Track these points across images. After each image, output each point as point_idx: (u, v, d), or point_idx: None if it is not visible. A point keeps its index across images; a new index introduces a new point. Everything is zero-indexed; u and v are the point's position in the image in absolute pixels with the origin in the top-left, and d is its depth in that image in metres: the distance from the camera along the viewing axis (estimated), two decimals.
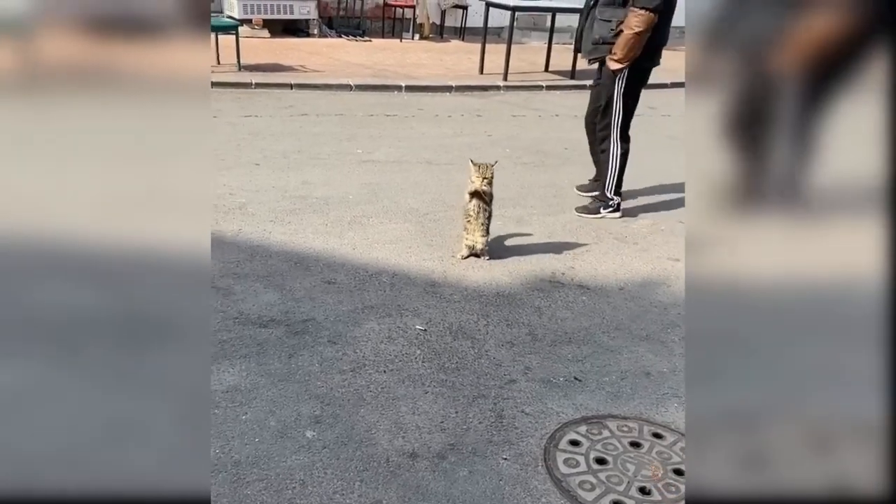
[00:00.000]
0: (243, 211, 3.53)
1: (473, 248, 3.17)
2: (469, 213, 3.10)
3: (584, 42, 3.66)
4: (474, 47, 8.11)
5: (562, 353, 2.50)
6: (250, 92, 6.22)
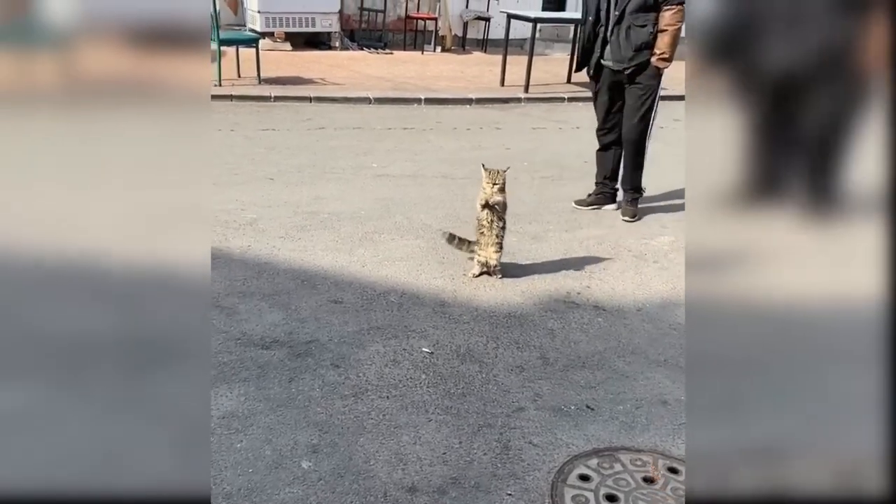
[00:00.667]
0: (254, 227, 3.49)
1: (486, 264, 3.08)
2: (482, 224, 3.02)
3: (616, 52, 3.66)
4: (496, 59, 8.05)
5: (574, 378, 2.39)
6: (269, 105, 6.22)
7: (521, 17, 7.47)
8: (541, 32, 7.97)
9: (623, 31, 3.61)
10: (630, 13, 3.56)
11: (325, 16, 8.66)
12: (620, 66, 3.70)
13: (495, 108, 6.81)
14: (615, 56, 3.69)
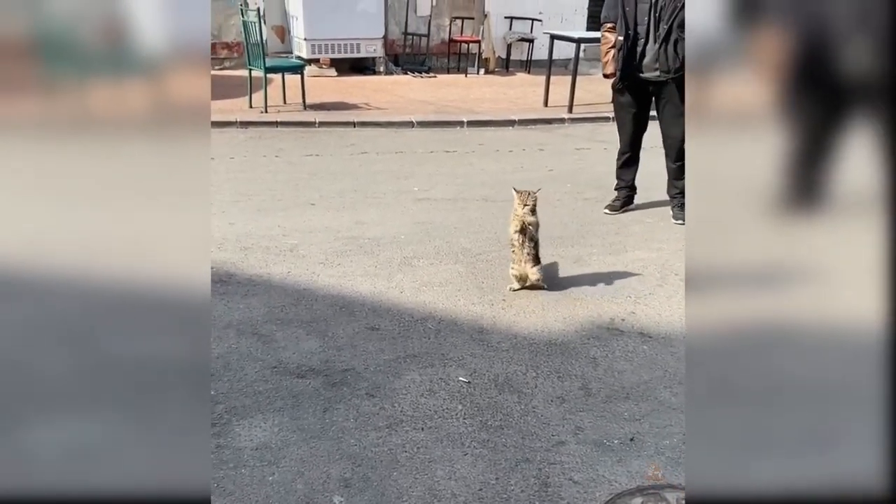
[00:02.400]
0: (294, 253, 3.51)
1: (523, 278, 3.11)
2: (514, 244, 3.11)
3: (662, 63, 3.82)
4: (540, 80, 8.00)
5: (617, 410, 2.28)
6: (313, 131, 6.31)
7: (565, 37, 7.42)
8: (585, 52, 7.89)
9: (671, 44, 3.79)
10: (677, 27, 3.74)
11: (369, 41, 8.79)
12: (667, 76, 3.86)
13: (538, 130, 6.76)
14: (662, 67, 3.84)
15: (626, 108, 4.15)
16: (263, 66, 6.47)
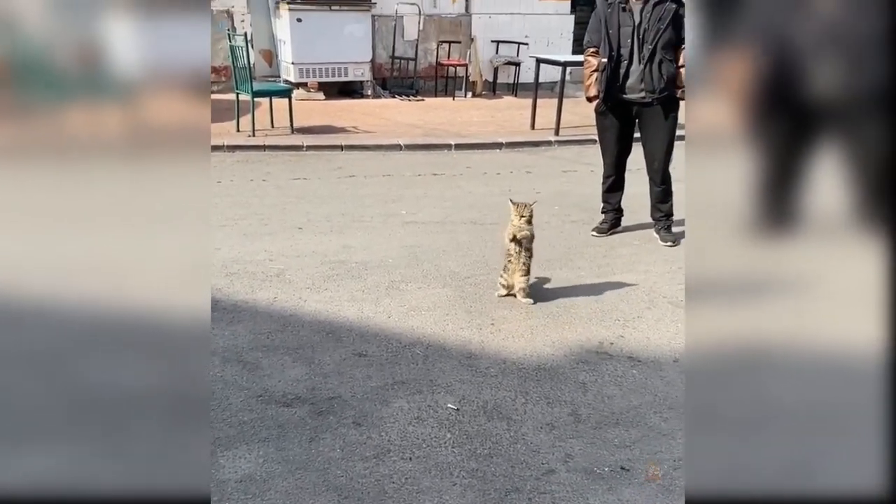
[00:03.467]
0: (281, 278, 3.48)
1: (510, 286, 3.26)
2: (510, 254, 3.21)
3: (648, 83, 3.87)
4: (527, 103, 8.07)
5: (608, 437, 2.26)
6: (301, 154, 6.31)
7: (551, 61, 7.50)
8: (570, 75, 7.97)
9: (655, 65, 3.84)
10: (661, 49, 3.82)
11: (357, 65, 8.84)
12: (652, 97, 3.90)
13: (526, 152, 6.79)
14: (647, 87, 3.89)
15: (609, 130, 4.17)
16: (251, 90, 6.48)
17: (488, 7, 9.81)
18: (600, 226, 4.34)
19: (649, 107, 3.95)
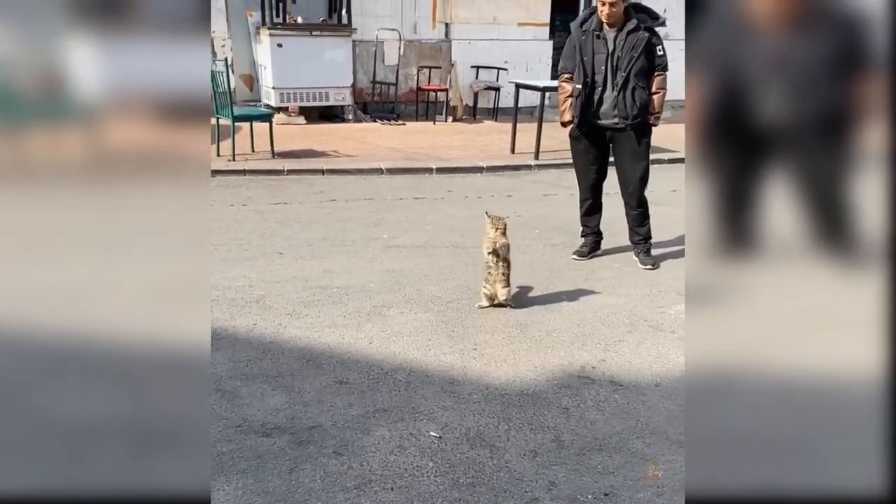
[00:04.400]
0: (260, 304, 3.44)
1: (492, 297, 3.39)
2: (489, 265, 3.38)
3: (621, 110, 3.94)
4: (507, 127, 8.14)
5: (591, 463, 2.25)
6: (282, 179, 6.29)
7: (530, 86, 7.59)
8: (550, 100, 8.07)
9: (629, 92, 3.91)
10: (634, 76, 3.88)
11: (338, 90, 8.88)
12: (625, 123, 3.98)
13: (506, 176, 6.84)
14: (620, 113, 3.95)
15: (583, 154, 4.22)
16: (231, 114, 6.47)
17: (468, 33, 9.94)
18: (581, 249, 4.37)
19: (622, 132, 4.02)
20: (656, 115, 4.01)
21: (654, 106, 3.97)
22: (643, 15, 3.93)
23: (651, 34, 3.88)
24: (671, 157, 7.53)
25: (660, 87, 3.97)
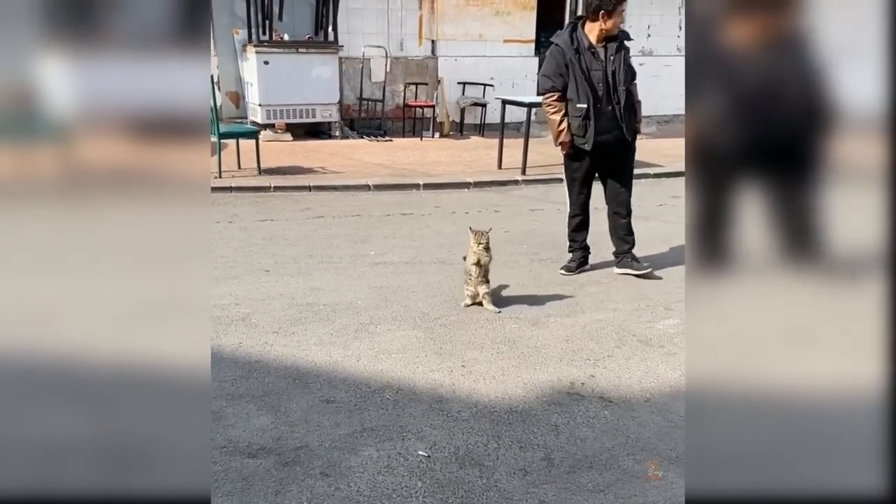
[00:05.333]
0: (246, 322, 3.40)
1: (475, 296, 3.64)
2: (470, 274, 3.63)
3: (628, 125, 4.01)
4: (494, 143, 8.17)
5: (581, 481, 2.23)
6: (269, 195, 6.26)
7: (516, 102, 7.64)
8: (536, 115, 8.13)
9: (630, 108, 4.01)
10: (629, 90, 4.00)
11: (325, 107, 8.89)
12: (629, 136, 4.07)
13: (493, 191, 6.85)
14: (627, 128, 4.03)
15: (580, 170, 4.18)
16: (217, 131, 6.44)
17: (454, 50, 10.00)
18: (568, 264, 4.37)
19: (621, 145, 4.08)
20: (640, 121, 4.22)
21: (640, 116, 4.16)
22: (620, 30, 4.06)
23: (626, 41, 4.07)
24: (657, 172, 7.59)
25: (637, 97, 4.12)
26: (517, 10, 10.17)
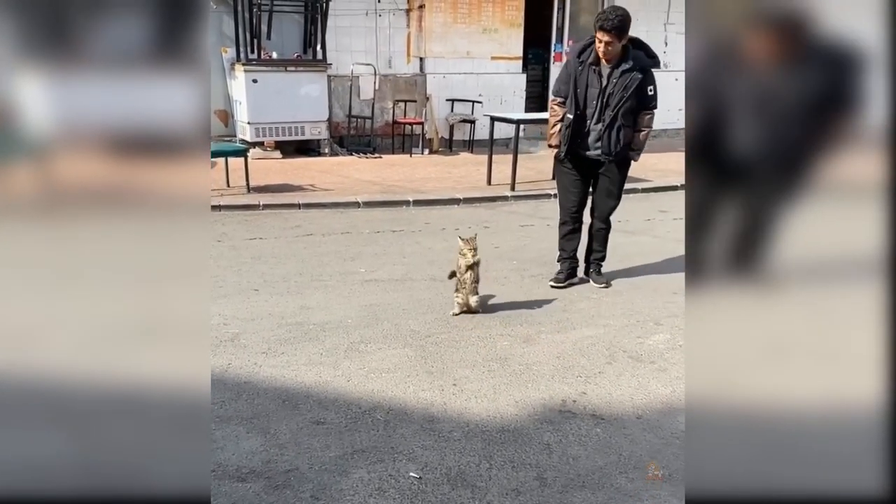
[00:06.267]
0: (235, 343, 3.37)
1: (465, 304, 3.78)
2: (465, 281, 3.76)
3: (605, 146, 4.04)
4: (483, 159, 8.20)
5: (574, 501, 2.21)
6: (258, 213, 6.24)
7: (505, 119, 7.68)
8: (524, 132, 8.18)
9: (615, 130, 4.01)
10: (622, 115, 3.98)
11: (313, 124, 8.90)
12: (608, 158, 4.09)
13: (483, 207, 6.86)
14: (604, 149, 4.06)
15: (567, 176, 4.30)
16: None
17: (442, 67, 10.06)
18: (557, 276, 4.41)
19: (605, 164, 4.15)
20: (639, 150, 4.14)
21: (638, 143, 4.10)
22: (640, 52, 3.94)
23: (644, 75, 3.90)
24: (645, 187, 7.64)
25: (647, 125, 4.08)
26: (504, 28, 10.26)
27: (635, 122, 4.03)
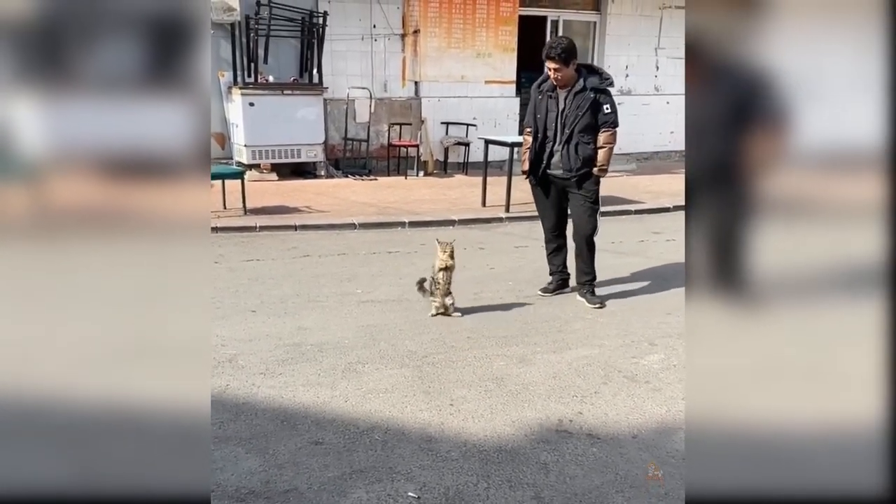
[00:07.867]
0: (233, 364, 3.39)
1: (441, 306, 4.10)
2: (439, 282, 4.10)
3: (565, 163, 4.31)
4: (477, 181, 8.27)
5: None
6: (254, 235, 6.28)
7: (499, 142, 7.77)
8: (518, 154, 8.26)
9: (572, 147, 4.27)
10: (578, 132, 4.24)
11: (310, 147, 8.97)
12: (569, 175, 4.33)
13: (478, 229, 6.92)
14: (565, 166, 4.33)
15: (540, 199, 4.63)
16: None
17: (437, 91, 10.18)
18: (546, 286, 4.66)
19: (569, 181, 4.38)
20: (601, 167, 4.32)
21: (599, 159, 4.29)
22: (594, 77, 4.27)
23: (598, 94, 4.22)
24: (638, 209, 7.73)
25: (606, 142, 4.28)
26: (498, 52, 10.41)
27: (597, 140, 4.27)
